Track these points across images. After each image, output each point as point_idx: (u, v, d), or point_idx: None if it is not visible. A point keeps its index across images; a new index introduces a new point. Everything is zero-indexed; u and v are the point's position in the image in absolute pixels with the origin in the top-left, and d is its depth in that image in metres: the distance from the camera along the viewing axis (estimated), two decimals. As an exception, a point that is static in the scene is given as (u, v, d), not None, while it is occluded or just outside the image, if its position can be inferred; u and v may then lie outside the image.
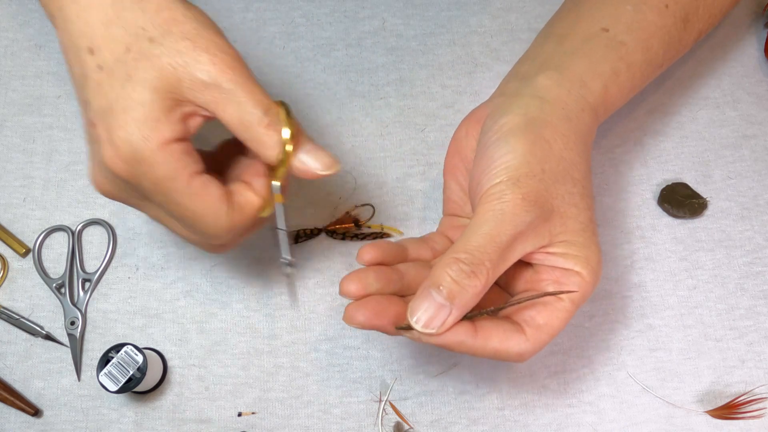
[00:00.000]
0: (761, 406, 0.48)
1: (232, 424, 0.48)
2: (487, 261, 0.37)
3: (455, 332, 0.37)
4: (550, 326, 0.39)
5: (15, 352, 0.50)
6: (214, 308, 0.51)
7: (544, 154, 0.40)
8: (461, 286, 0.36)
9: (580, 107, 0.44)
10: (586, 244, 0.40)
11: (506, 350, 0.38)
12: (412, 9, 0.60)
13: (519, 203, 0.38)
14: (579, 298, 0.39)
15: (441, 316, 0.36)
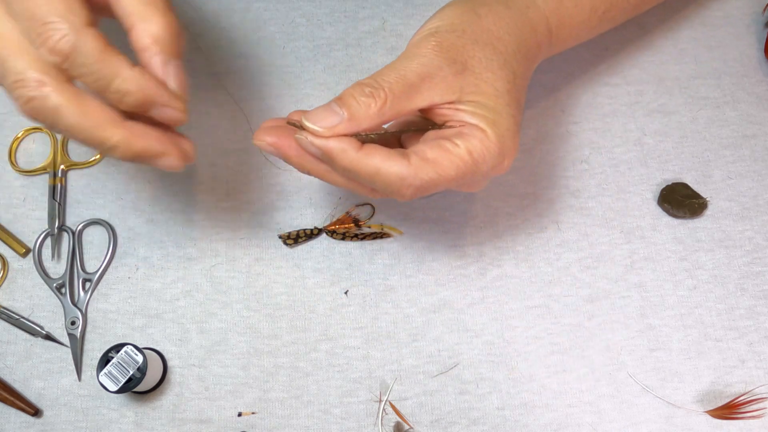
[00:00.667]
0: (761, 406, 0.48)
1: (232, 424, 0.48)
2: (386, 87, 0.38)
3: (340, 140, 0.38)
4: (437, 163, 0.38)
5: (15, 352, 0.50)
6: (214, 308, 0.51)
7: (471, 20, 0.42)
8: (357, 102, 0.38)
9: (525, 4, 0.45)
10: (498, 110, 0.40)
11: (387, 169, 0.38)
12: (412, 9, 0.60)
13: (431, 47, 0.40)
14: (478, 151, 0.39)
15: (331, 119, 0.38)
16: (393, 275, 0.52)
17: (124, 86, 0.34)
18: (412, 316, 0.51)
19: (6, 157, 0.54)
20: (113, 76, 0.34)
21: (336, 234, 0.52)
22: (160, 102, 0.35)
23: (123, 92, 0.34)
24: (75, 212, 0.53)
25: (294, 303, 0.51)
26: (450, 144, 0.39)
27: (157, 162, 0.37)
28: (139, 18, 0.35)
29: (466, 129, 0.39)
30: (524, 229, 0.53)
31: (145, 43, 0.35)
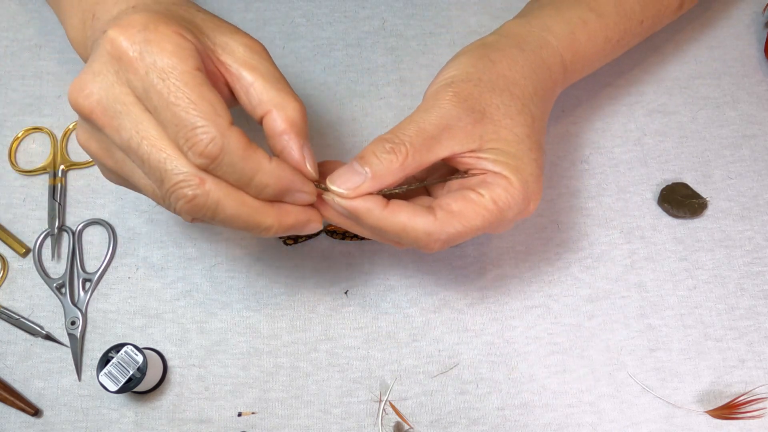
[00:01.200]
0: (761, 406, 0.48)
1: (232, 424, 0.48)
2: (407, 142, 0.38)
3: (365, 200, 0.38)
4: (463, 215, 0.38)
5: (15, 352, 0.50)
6: (214, 308, 0.51)
7: (486, 67, 0.42)
8: (379, 159, 0.38)
9: (538, 44, 0.45)
10: (519, 156, 0.40)
11: (414, 226, 0.38)
12: (412, 9, 0.60)
13: (448, 98, 0.40)
14: (503, 200, 0.39)
15: (355, 179, 0.38)
16: (393, 275, 0.52)
17: (265, 180, 0.35)
18: (412, 316, 0.51)
19: (6, 157, 0.54)
20: (255, 172, 0.35)
21: (336, 234, 0.52)
22: (295, 189, 0.37)
23: (263, 185, 0.36)
24: (75, 212, 0.53)
25: (294, 303, 0.51)
26: (474, 194, 0.39)
27: (304, 229, 0.39)
28: (275, 105, 0.37)
29: (489, 177, 0.40)
30: (524, 229, 0.53)
31: (283, 128, 0.37)
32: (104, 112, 0.34)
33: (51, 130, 0.55)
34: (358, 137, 0.56)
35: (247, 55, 0.37)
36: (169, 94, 0.33)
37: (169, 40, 0.34)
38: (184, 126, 0.33)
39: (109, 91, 0.34)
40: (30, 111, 0.56)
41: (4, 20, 0.59)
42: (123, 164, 0.36)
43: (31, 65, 0.57)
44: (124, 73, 0.34)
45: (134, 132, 0.34)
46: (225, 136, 0.34)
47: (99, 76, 0.34)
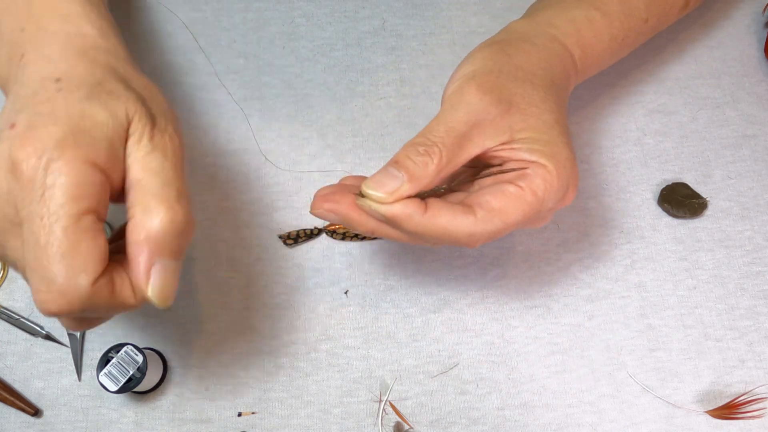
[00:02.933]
0: (761, 406, 0.48)
1: (232, 424, 0.48)
2: (439, 143, 0.38)
3: (405, 204, 0.38)
4: (503, 212, 0.38)
5: (15, 352, 0.50)
6: (214, 308, 0.51)
7: (503, 60, 0.42)
8: (414, 161, 0.38)
9: (547, 39, 0.45)
10: (553, 142, 0.40)
11: (455, 228, 0.38)
12: (412, 9, 0.60)
13: (473, 92, 0.40)
14: (542, 189, 0.38)
15: (392, 184, 0.38)
16: (393, 275, 0.52)
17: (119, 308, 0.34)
18: (412, 316, 0.51)
19: (6, 157, 0.54)
20: (110, 309, 0.34)
21: (336, 234, 0.52)
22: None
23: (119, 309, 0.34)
24: (75, 212, 0.53)
25: (294, 303, 0.51)
26: (513, 188, 0.38)
27: None
28: (141, 209, 0.33)
29: (528, 168, 0.39)
30: (524, 229, 0.53)
31: (136, 239, 0.33)
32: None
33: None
34: (358, 137, 0.56)
35: (146, 150, 0.34)
36: (40, 236, 0.30)
37: (69, 173, 0.31)
38: (33, 280, 0.31)
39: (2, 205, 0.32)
40: None
41: (4, 20, 0.59)
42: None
43: (31, 65, 0.57)
44: (14, 187, 0.31)
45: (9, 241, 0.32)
46: (69, 294, 0.31)
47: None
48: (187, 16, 0.59)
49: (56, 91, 0.33)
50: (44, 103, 0.33)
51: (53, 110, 0.32)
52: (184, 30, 0.59)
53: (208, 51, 0.58)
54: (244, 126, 0.56)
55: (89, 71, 0.35)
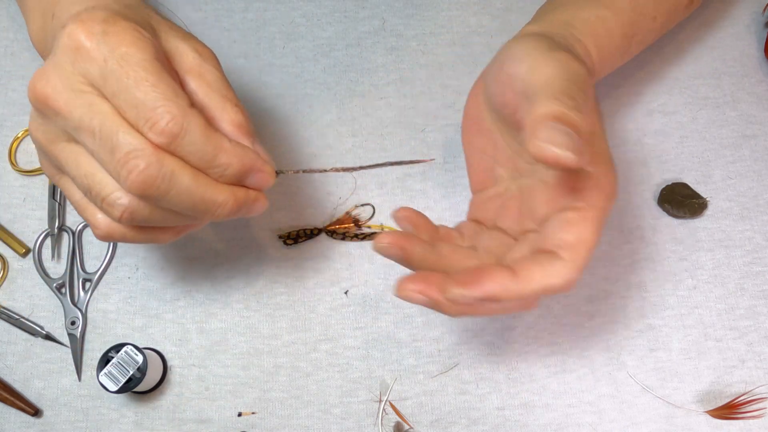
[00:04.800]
0: (761, 406, 0.48)
1: (232, 424, 0.48)
2: (579, 100, 0.36)
3: (496, 280, 0.36)
4: (582, 240, 0.37)
5: (15, 352, 0.50)
6: (214, 308, 0.51)
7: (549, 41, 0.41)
8: (573, 117, 0.35)
9: (569, 42, 0.45)
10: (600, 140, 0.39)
11: (552, 281, 0.36)
12: (412, 9, 0.60)
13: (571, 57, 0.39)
14: (601, 198, 0.37)
15: (570, 141, 0.33)
16: (393, 275, 0.52)
17: (226, 159, 0.35)
18: (412, 316, 0.51)
19: (6, 157, 0.55)
20: (217, 150, 0.35)
21: (336, 234, 0.52)
22: (257, 168, 0.37)
23: (225, 165, 0.35)
24: (75, 212, 0.53)
25: (294, 303, 0.51)
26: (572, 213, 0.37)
27: (252, 208, 0.38)
28: (217, 110, 0.37)
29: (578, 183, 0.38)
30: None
31: (229, 130, 0.37)
32: (58, 97, 0.34)
33: (51, 130, 0.55)
34: (358, 137, 0.56)
35: (196, 62, 0.38)
36: (128, 78, 0.33)
37: (126, 33, 0.34)
38: (144, 106, 0.33)
39: (66, 80, 0.34)
40: (30, 111, 0.56)
41: (4, 20, 0.59)
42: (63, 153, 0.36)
43: (31, 65, 0.57)
44: (81, 62, 0.34)
45: (87, 110, 0.34)
46: (186, 115, 0.34)
47: (57, 67, 0.34)
48: (187, 16, 0.59)
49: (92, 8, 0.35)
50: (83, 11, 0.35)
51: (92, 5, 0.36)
52: (184, 30, 0.59)
53: (208, 51, 0.58)
54: (244, 126, 0.56)
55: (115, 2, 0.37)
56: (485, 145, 0.46)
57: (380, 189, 0.54)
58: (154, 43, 0.35)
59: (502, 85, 0.42)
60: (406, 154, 0.55)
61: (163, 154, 0.34)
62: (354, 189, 0.54)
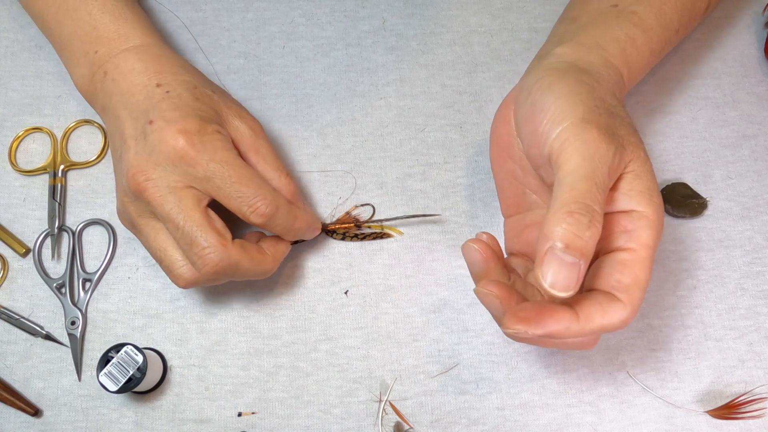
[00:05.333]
0: (761, 406, 0.48)
1: (232, 424, 0.48)
2: (597, 206, 0.35)
3: (559, 320, 0.36)
4: (638, 281, 0.37)
5: (15, 352, 0.50)
6: (214, 308, 0.51)
7: (588, 92, 0.40)
8: (584, 240, 0.35)
9: (603, 64, 0.44)
10: (647, 174, 0.39)
11: (610, 322, 0.37)
12: (412, 9, 0.60)
13: (598, 138, 0.37)
14: (652, 238, 0.38)
15: (573, 274, 0.34)
16: (393, 275, 0.52)
17: (299, 225, 0.47)
18: (412, 316, 0.51)
19: (6, 157, 0.55)
20: (294, 220, 0.46)
21: (336, 234, 0.52)
22: (314, 227, 0.49)
23: (298, 229, 0.47)
24: (75, 212, 0.53)
25: (294, 303, 0.51)
26: (627, 254, 0.38)
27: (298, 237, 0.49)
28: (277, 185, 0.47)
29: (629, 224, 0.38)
30: (524, 229, 0.53)
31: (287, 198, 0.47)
32: (155, 192, 0.43)
33: (51, 130, 0.55)
34: (358, 137, 0.56)
35: (252, 139, 0.47)
36: (231, 175, 0.43)
37: (216, 140, 0.44)
38: (247, 197, 0.43)
39: (165, 179, 0.43)
40: (30, 111, 0.56)
41: (4, 21, 0.59)
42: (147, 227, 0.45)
43: (31, 65, 0.57)
44: (185, 166, 0.43)
45: (175, 206, 0.42)
46: (276, 198, 0.44)
47: (159, 167, 0.43)
48: (187, 16, 0.59)
49: (165, 93, 0.45)
50: (162, 102, 0.44)
51: (175, 106, 0.44)
52: (184, 30, 0.59)
53: (208, 51, 0.58)
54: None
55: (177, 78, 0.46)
56: (515, 170, 0.46)
57: (380, 189, 0.54)
58: (231, 139, 0.46)
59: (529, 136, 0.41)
60: (406, 154, 0.55)
61: (229, 249, 0.43)
62: (354, 189, 0.54)
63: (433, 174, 0.55)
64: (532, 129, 0.40)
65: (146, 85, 0.46)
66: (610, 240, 0.39)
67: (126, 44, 0.48)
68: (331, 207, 0.53)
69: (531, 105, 0.41)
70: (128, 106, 0.45)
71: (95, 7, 0.49)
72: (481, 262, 0.42)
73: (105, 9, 0.49)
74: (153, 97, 0.45)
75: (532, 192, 0.46)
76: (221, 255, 0.43)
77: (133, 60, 0.47)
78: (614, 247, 0.38)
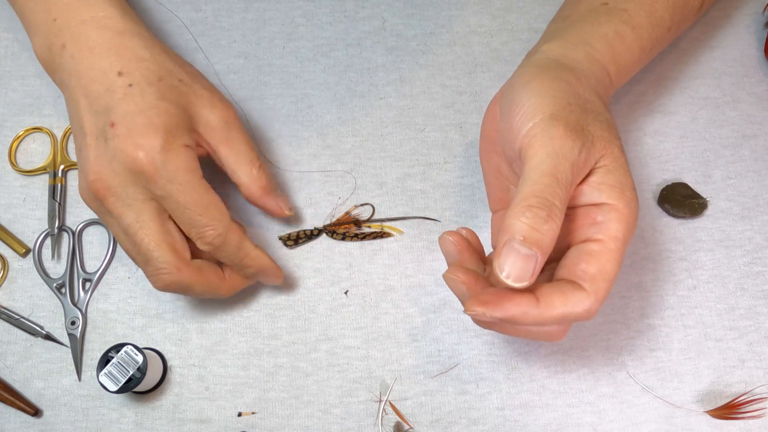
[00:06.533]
0: (761, 406, 0.48)
1: (232, 424, 0.48)
2: (557, 201, 0.36)
3: (518, 303, 0.37)
4: (603, 272, 0.37)
5: (15, 352, 0.50)
6: (214, 308, 0.51)
7: (565, 89, 0.41)
8: (542, 233, 0.36)
9: (587, 60, 0.45)
10: (621, 170, 0.39)
11: (572, 309, 0.37)
12: (412, 9, 0.60)
13: (564, 135, 0.38)
14: (621, 230, 0.38)
15: (529, 266, 0.36)
16: (393, 275, 0.52)
17: (249, 263, 0.46)
18: (412, 316, 0.51)
19: (6, 157, 0.55)
20: (244, 257, 0.45)
21: (336, 234, 0.52)
22: (269, 273, 0.48)
23: (248, 266, 0.46)
24: (75, 212, 0.53)
25: (294, 303, 0.51)
26: (595, 245, 0.38)
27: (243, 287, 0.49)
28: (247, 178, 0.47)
29: (599, 215, 0.38)
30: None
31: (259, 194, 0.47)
32: (115, 200, 0.42)
33: (51, 130, 0.55)
34: (358, 137, 0.56)
35: (224, 132, 0.46)
36: (186, 201, 0.42)
37: (180, 156, 0.42)
38: (197, 225, 0.43)
39: (124, 189, 0.42)
40: (30, 111, 0.56)
41: (4, 21, 0.59)
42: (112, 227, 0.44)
43: (31, 65, 0.57)
44: (144, 181, 0.41)
45: (134, 221, 0.42)
46: (227, 232, 0.44)
47: (119, 177, 0.42)
48: (187, 16, 0.59)
49: (127, 87, 0.43)
50: (125, 100, 0.42)
51: (139, 108, 0.42)
52: (184, 30, 0.59)
53: (208, 51, 0.58)
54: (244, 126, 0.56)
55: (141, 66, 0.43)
56: (501, 165, 0.46)
57: (380, 189, 0.54)
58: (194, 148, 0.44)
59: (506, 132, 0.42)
60: (406, 154, 0.55)
61: (183, 273, 0.43)
62: (354, 189, 0.54)
63: (433, 174, 0.55)
64: (509, 125, 0.41)
65: (106, 71, 0.43)
66: (580, 232, 0.39)
67: (86, 14, 0.45)
68: (331, 207, 0.53)
69: (510, 101, 0.42)
70: (87, 94, 0.43)
71: None
72: (455, 254, 0.42)
73: None
74: (114, 90, 0.43)
75: (515, 187, 0.46)
76: (174, 277, 0.43)
77: (93, 36, 0.44)
78: (584, 238, 0.39)
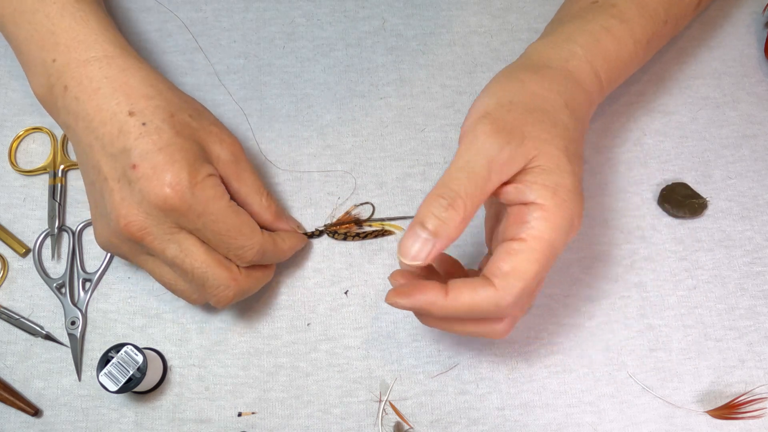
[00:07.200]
0: (761, 406, 0.48)
1: (232, 424, 0.48)
2: (462, 193, 0.38)
3: (425, 293, 0.39)
4: (517, 270, 0.38)
5: (15, 352, 0.50)
6: (214, 308, 0.51)
7: (516, 89, 0.43)
8: (442, 220, 0.38)
9: (564, 57, 0.45)
10: (558, 170, 0.40)
11: (479, 302, 0.38)
12: (412, 9, 0.60)
13: (488, 132, 0.39)
14: (548, 233, 0.38)
15: (426, 248, 0.38)
16: (393, 275, 0.52)
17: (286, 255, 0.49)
18: (412, 315, 0.51)
19: (6, 157, 0.55)
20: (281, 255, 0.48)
21: (337, 234, 0.52)
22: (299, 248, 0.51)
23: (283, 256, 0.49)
24: (75, 212, 0.53)
25: (294, 303, 0.51)
26: (516, 243, 0.38)
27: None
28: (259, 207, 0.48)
29: (525, 214, 0.39)
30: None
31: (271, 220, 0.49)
32: (153, 238, 0.42)
33: (51, 130, 0.55)
34: (358, 137, 0.56)
35: (233, 166, 0.46)
36: (219, 229, 0.43)
37: (208, 186, 0.42)
38: (234, 248, 0.44)
39: (159, 227, 0.42)
40: (30, 111, 0.56)
41: (4, 20, 0.59)
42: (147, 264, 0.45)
43: (31, 65, 0.57)
44: (176, 218, 0.42)
45: (179, 252, 0.43)
46: (262, 245, 0.45)
47: (151, 216, 0.42)
48: (187, 16, 0.59)
49: (141, 126, 0.42)
50: (141, 139, 0.41)
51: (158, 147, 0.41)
52: (184, 30, 0.59)
53: (208, 51, 0.58)
54: (244, 126, 0.56)
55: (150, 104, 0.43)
56: None
57: (380, 189, 0.54)
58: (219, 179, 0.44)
59: None
60: (406, 153, 0.55)
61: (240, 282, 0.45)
62: (354, 189, 0.54)
63: (433, 174, 0.55)
64: None
65: (116, 112, 0.42)
66: (510, 229, 0.40)
67: (86, 54, 0.44)
68: (331, 207, 0.53)
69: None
70: (100, 137, 0.42)
71: (54, 10, 0.45)
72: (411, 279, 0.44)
73: (65, 12, 0.45)
74: (128, 131, 0.42)
75: None
76: (233, 290, 0.44)
77: (97, 77, 0.43)
78: (511, 236, 0.39)
